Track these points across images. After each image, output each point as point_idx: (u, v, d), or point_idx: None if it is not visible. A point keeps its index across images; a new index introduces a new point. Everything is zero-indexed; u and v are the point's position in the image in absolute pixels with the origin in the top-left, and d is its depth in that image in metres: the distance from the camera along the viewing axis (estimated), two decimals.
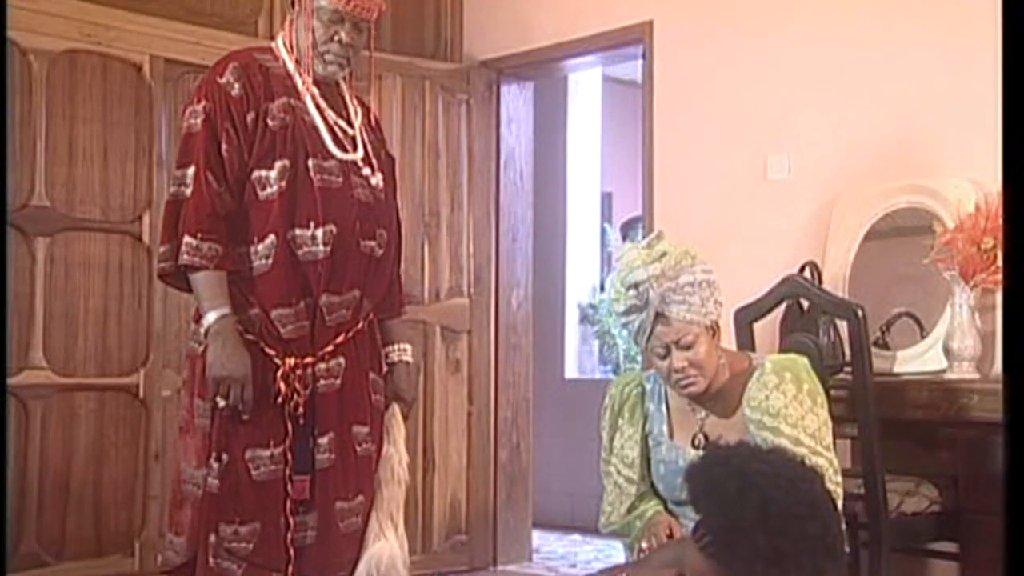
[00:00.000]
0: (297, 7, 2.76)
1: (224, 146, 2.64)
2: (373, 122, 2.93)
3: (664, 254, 2.68)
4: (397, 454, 2.82)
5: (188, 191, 2.63)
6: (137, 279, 4.31)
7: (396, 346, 2.91)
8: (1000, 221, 3.32)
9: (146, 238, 4.29)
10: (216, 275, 2.61)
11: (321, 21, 2.71)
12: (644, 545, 2.65)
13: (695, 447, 2.75)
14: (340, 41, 2.73)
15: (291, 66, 2.75)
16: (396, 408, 2.86)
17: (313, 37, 2.72)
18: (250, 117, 2.65)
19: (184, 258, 2.60)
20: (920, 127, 3.97)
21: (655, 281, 2.65)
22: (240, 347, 2.58)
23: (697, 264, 2.69)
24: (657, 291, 2.64)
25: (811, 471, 2.36)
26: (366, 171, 2.77)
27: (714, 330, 2.72)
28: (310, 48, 2.72)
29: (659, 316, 2.66)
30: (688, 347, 2.67)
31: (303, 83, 2.74)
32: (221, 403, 2.58)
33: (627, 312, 2.70)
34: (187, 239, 2.60)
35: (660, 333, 2.67)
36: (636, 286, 2.66)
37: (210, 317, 2.60)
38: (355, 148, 2.77)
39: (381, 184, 2.80)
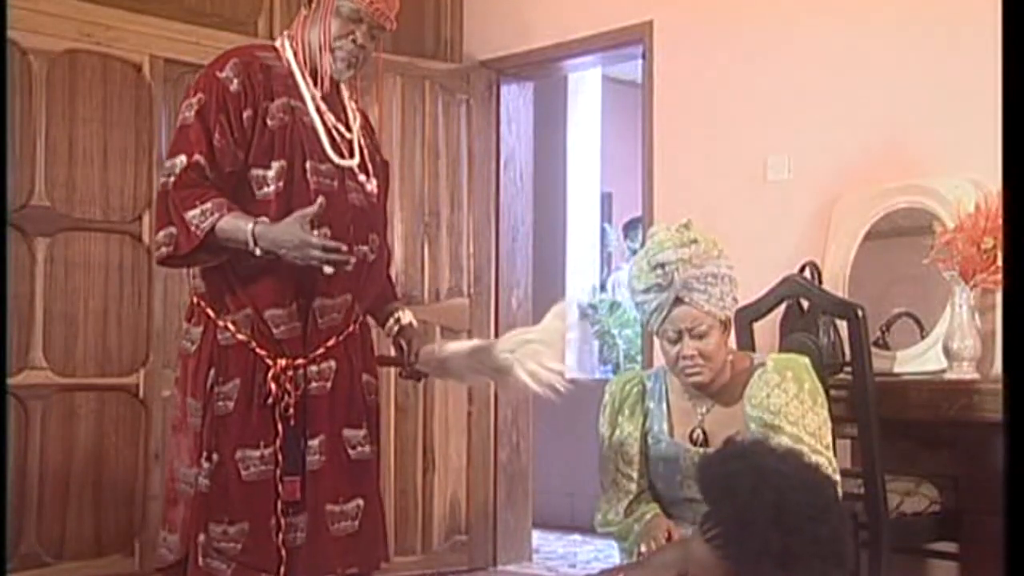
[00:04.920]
0: (314, 3, 2.75)
1: (216, 137, 2.62)
2: (369, 127, 2.94)
3: (695, 241, 2.70)
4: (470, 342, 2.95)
5: (174, 180, 2.61)
6: (137, 279, 4.31)
7: (401, 312, 2.93)
8: (1000, 221, 3.32)
9: (146, 238, 4.29)
10: (235, 212, 2.57)
11: (340, 18, 2.71)
12: (643, 548, 2.65)
13: (693, 442, 2.76)
14: (355, 41, 2.74)
15: (295, 65, 2.75)
16: (437, 344, 2.98)
17: (328, 34, 2.72)
18: (247, 114, 2.65)
19: (203, 228, 2.54)
20: (920, 127, 3.97)
21: (682, 265, 2.66)
22: (281, 227, 2.54)
23: (722, 257, 2.72)
24: (682, 276, 2.66)
25: (825, 477, 2.38)
26: (362, 177, 2.77)
27: (727, 325, 2.74)
28: (324, 44, 2.72)
29: (678, 300, 2.68)
30: (701, 336, 2.69)
31: (307, 83, 2.74)
32: (329, 270, 2.54)
33: (647, 290, 2.71)
34: (190, 214, 2.56)
35: (676, 318, 2.69)
36: (663, 266, 2.68)
37: (248, 229, 2.54)
38: (352, 153, 2.77)
39: (375, 190, 2.81)
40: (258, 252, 2.56)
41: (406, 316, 2.93)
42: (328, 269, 2.55)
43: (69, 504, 4.11)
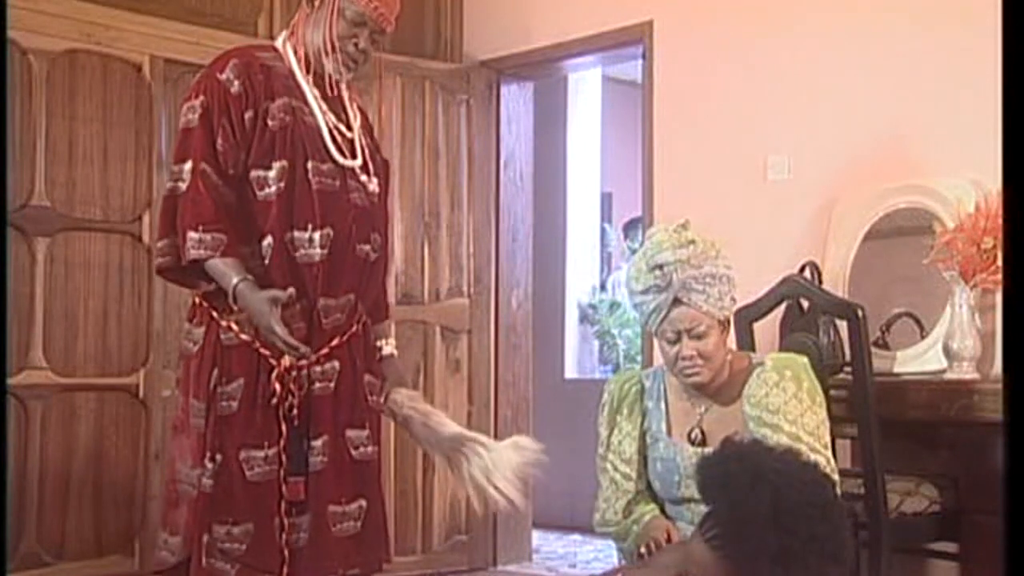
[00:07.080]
0: (317, 2, 2.75)
1: (220, 141, 2.63)
2: (368, 126, 2.94)
3: (692, 241, 2.70)
4: (437, 414, 2.85)
5: (184, 186, 2.62)
6: (137, 279, 4.31)
7: (385, 340, 2.94)
8: (1000, 221, 3.32)
9: (146, 238, 4.29)
10: (228, 259, 2.60)
11: (344, 20, 2.72)
12: (642, 549, 2.65)
13: (692, 442, 2.76)
14: (356, 45, 2.75)
15: (295, 65, 2.75)
16: (406, 391, 2.89)
17: (333, 36, 2.72)
18: (248, 115, 2.65)
19: (191, 253, 2.59)
20: (920, 127, 3.97)
21: (680, 266, 2.67)
22: (256, 301, 2.57)
23: (720, 257, 2.72)
24: (680, 276, 2.66)
25: (823, 476, 2.38)
26: (363, 177, 2.77)
27: (725, 325, 2.74)
28: (328, 45, 2.72)
29: (677, 301, 2.68)
30: (700, 337, 2.69)
31: (308, 83, 2.74)
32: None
33: (645, 291, 2.71)
34: (190, 234, 2.59)
35: (675, 318, 2.69)
36: (661, 267, 2.68)
37: (232, 284, 2.58)
38: (353, 153, 2.77)
39: (377, 189, 2.81)
40: (235, 308, 2.60)
41: (387, 347, 2.93)
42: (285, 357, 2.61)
43: (69, 504, 4.11)
